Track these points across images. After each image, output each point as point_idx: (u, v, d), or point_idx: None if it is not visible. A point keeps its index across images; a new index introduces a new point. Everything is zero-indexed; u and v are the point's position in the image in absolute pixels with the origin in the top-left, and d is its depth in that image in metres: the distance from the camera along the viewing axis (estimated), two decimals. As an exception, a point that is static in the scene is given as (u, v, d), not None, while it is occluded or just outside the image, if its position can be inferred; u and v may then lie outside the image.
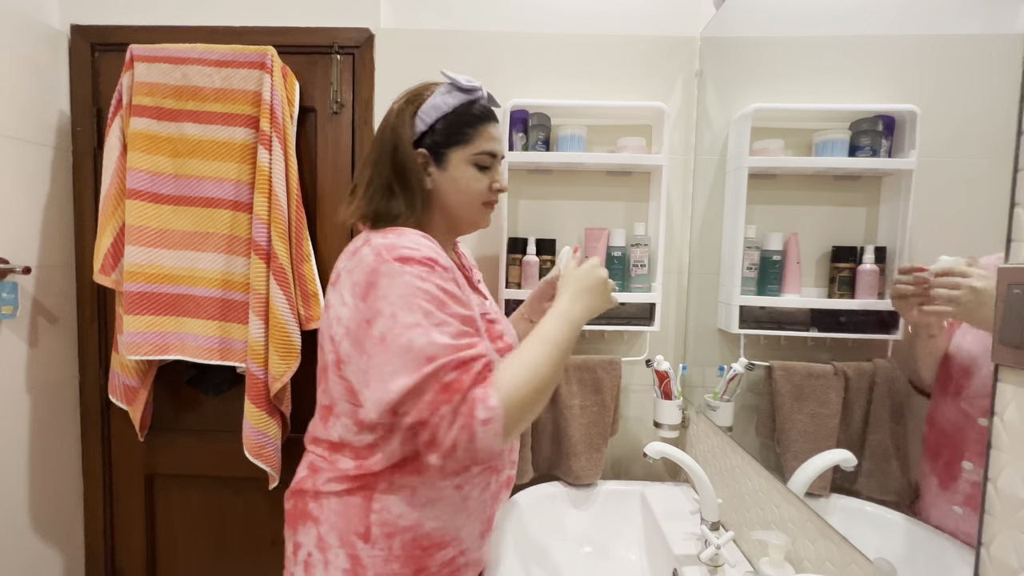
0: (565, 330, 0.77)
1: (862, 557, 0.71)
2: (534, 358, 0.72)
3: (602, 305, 0.84)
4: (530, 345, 0.74)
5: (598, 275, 0.85)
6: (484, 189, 0.86)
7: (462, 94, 0.83)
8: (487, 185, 0.86)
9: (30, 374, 1.37)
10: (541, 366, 0.71)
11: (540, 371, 0.71)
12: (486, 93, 0.86)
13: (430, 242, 0.76)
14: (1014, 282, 0.50)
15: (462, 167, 0.83)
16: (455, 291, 0.73)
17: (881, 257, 0.79)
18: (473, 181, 0.84)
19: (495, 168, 0.87)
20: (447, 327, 0.68)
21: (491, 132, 0.85)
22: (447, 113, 0.82)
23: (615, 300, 0.87)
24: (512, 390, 0.68)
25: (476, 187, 0.85)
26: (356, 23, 1.41)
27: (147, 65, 1.30)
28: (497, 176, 0.87)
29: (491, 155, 0.85)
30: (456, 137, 0.82)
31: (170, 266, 1.32)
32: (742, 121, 1.13)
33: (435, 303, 0.69)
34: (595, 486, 1.34)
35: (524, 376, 0.69)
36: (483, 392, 0.66)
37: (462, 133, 0.82)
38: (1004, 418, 0.51)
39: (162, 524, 1.54)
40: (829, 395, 0.85)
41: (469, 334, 0.71)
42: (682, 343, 1.45)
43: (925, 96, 0.69)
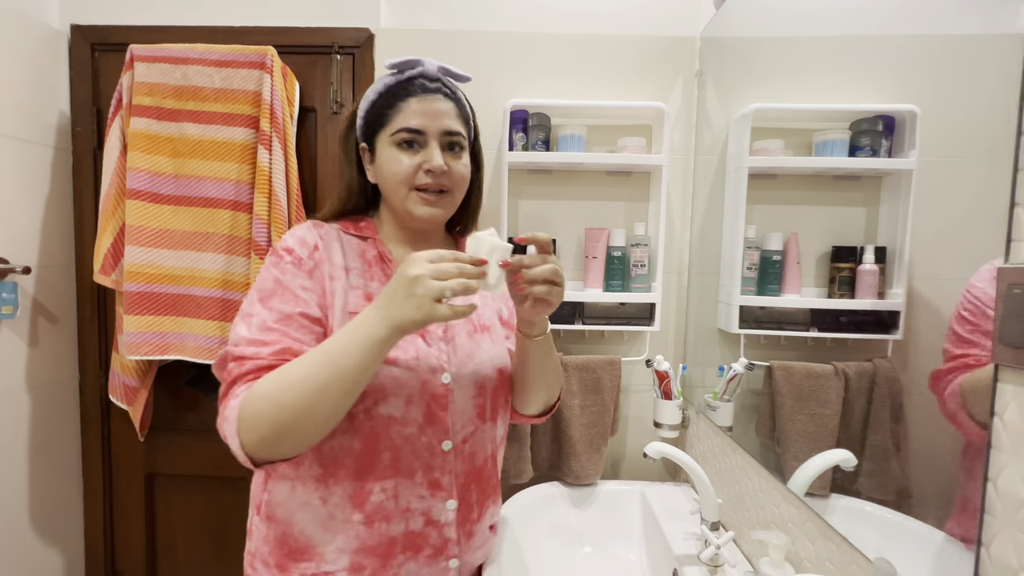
0: (347, 343, 0.63)
1: (862, 557, 0.71)
2: (298, 370, 0.63)
3: (403, 316, 0.61)
4: (308, 355, 0.65)
5: (403, 273, 0.61)
6: (407, 171, 0.74)
7: (390, 77, 0.77)
8: (412, 167, 0.74)
9: (30, 374, 1.37)
10: (302, 380, 0.62)
11: (297, 385, 0.62)
12: (424, 67, 0.75)
13: (305, 232, 0.76)
14: (1014, 282, 0.50)
15: (385, 151, 0.76)
16: (290, 283, 0.70)
17: (881, 257, 0.79)
18: (393, 164, 0.74)
19: (427, 147, 0.74)
20: (253, 319, 0.68)
21: (413, 106, 0.74)
22: (374, 100, 0.77)
23: (431, 311, 0.60)
24: (257, 399, 0.62)
25: (395, 169, 0.74)
26: (356, 23, 1.41)
27: (147, 65, 1.30)
28: (429, 155, 0.74)
29: (412, 131, 0.73)
30: (378, 121, 0.76)
31: (170, 266, 1.32)
32: (742, 121, 1.13)
33: (260, 294, 0.70)
34: (595, 486, 1.34)
35: (275, 387, 0.63)
36: (237, 391, 0.65)
37: (382, 115, 0.75)
38: (1004, 418, 0.51)
39: (162, 524, 1.54)
40: (829, 395, 0.85)
41: (275, 330, 0.67)
42: (682, 343, 1.45)
43: (925, 96, 0.69)
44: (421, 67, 0.75)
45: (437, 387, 0.76)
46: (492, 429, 0.84)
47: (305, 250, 0.73)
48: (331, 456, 0.72)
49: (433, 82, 0.76)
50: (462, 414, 0.78)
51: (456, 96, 0.78)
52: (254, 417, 0.63)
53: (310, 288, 0.71)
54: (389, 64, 0.76)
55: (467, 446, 0.79)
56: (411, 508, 0.74)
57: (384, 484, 0.73)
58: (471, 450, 0.80)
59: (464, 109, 0.79)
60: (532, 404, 0.87)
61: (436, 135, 0.74)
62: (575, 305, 1.44)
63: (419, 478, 0.75)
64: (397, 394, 0.73)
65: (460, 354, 0.79)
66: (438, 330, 0.78)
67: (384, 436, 0.73)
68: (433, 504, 0.76)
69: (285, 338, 0.67)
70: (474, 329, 0.83)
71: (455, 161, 0.76)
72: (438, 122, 0.74)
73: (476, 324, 0.83)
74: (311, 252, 0.73)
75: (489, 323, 0.85)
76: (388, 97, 0.75)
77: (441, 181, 0.75)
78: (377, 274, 0.78)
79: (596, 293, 1.37)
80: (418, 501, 0.75)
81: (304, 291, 0.71)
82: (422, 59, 0.75)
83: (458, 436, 0.78)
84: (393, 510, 0.73)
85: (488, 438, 0.83)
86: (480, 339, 0.82)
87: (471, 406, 0.79)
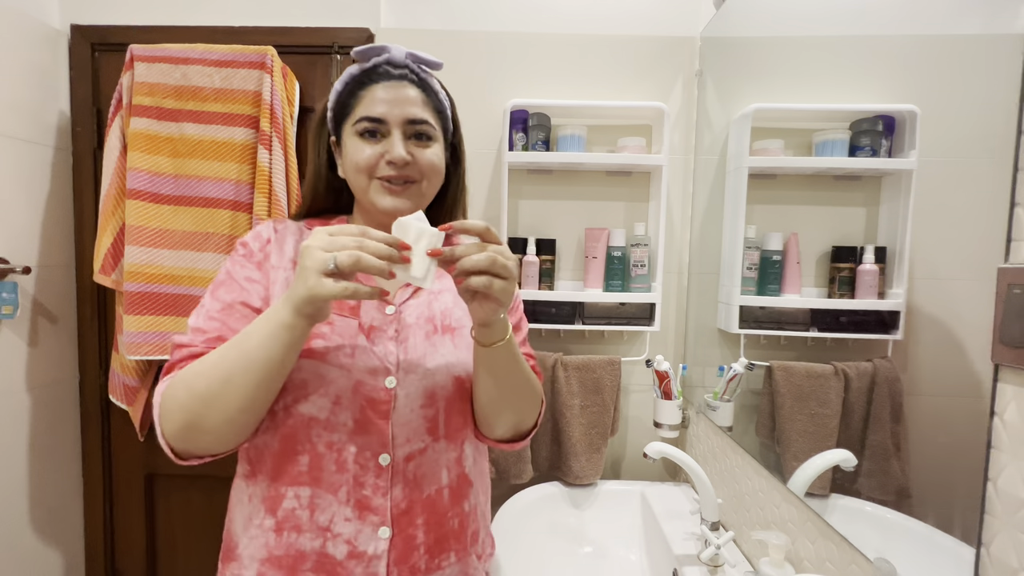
0: (254, 327, 0.60)
1: (862, 557, 0.71)
2: (211, 356, 0.61)
3: (295, 293, 0.57)
4: (229, 341, 0.62)
5: (303, 248, 0.57)
6: (367, 161, 0.69)
7: (356, 65, 0.72)
8: (373, 156, 0.69)
9: (30, 374, 1.37)
10: (211, 366, 0.60)
11: (207, 372, 0.60)
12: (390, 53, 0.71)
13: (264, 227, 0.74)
14: (1014, 282, 0.50)
15: (348, 142, 0.71)
16: (237, 274, 0.70)
17: (881, 257, 0.79)
18: (354, 153, 0.70)
19: (391, 137, 0.69)
20: (203, 310, 0.68)
21: (376, 94, 0.69)
22: (340, 90, 0.73)
23: (316, 285, 0.54)
24: (175, 385, 0.61)
25: (356, 158, 0.70)
26: (356, 23, 1.41)
27: (147, 65, 1.30)
28: (390, 144, 0.69)
29: (372, 120, 0.69)
30: (342, 112, 0.72)
31: (170, 266, 1.32)
32: (742, 121, 1.13)
33: (214, 284, 0.70)
34: (595, 486, 1.34)
35: (190, 374, 0.61)
36: (167, 377, 0.64)
37: (345, 106, 0.72)
38: (1004, 418, 0.52)
39: (162, 524, 1.54)
40: (829, 395, 0.85)
41: (215, 319, 0.67)
42: (682, 343, 1.45)
43: (925, 96, 0.69)
44: (387, 54, 0.71)
45: (377, 391, 0.67)
46: (450, 451, 0.72)
47: (258, 243, 0.72)
48: (255, 453, 0.69)
49: (399, 68, 0.71)
50: (407, 426, 0.68)
51: (425, 83, 0.73)
52: (172, 404, 0.61)
53: (256, 280, 0.70)
54: (355, 52, 0.71)
55: (411, 466, 0.68)
56: (331, 529, 0.65)
57: (298, 491, 0.66)
58: (417, 472, 0.69)
59: (435, 97, 0.73)
60: (497, 426, 0.74)
61: (399, 123, 0.69)
62: (575, 305, 1.44)
63: (344, 494, 0.65)
64: (321, 393, 0.66)
65: (411, 356, 0.70)
66: (389, 328, 0.70)
67: (304, 438, 0.66)
68: (361, 530, 0.66)
69: (223, 327, 0.66)
70: (434, 330, 0.73)
71: (421, 150, 0.71)
72: (401, 109, 0.69)
73: (437, 324, 0.73)
74: (263, 245, 0.72)
75: (456, 324, 0.75)
76: (352, 86, 0.71)
77: (405, 172, 0.70)
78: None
79: (596, 293, 1.37)
80: (343, 524, 0.65)
81: (249, 282, 0.70)
82: (388, 45, 0.71)
83: (401, 451, 0.68)
84: (306, 522, 0.65)
85: (443, 463, 0.71)
86: (439, 341, 0.72)
87: (419, 418, 0.69)
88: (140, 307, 1.31)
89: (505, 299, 0.60)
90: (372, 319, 0.70)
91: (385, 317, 0.71)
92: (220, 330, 0.66)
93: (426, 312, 0.73)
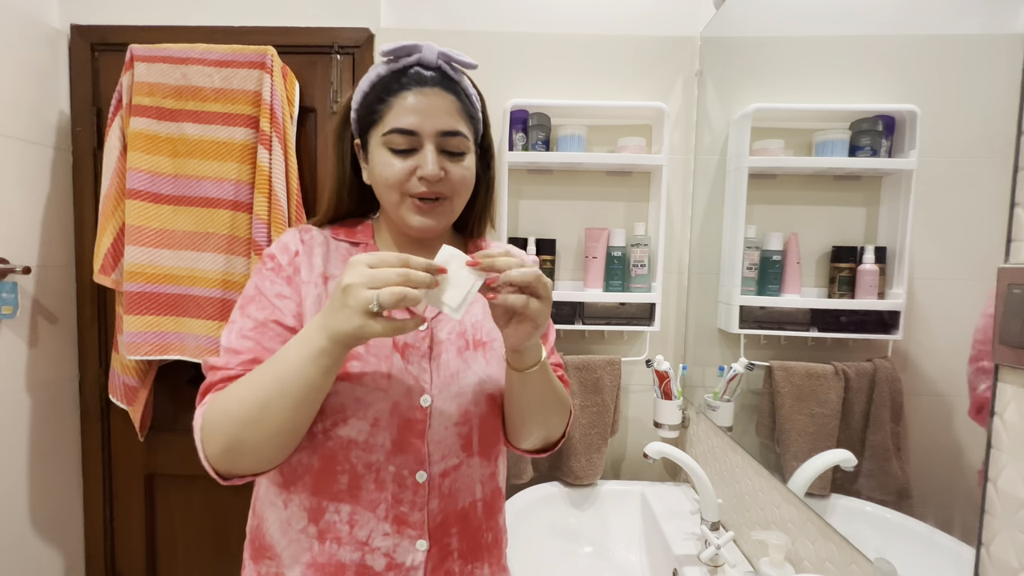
0: (290, 352, 0.58)
1: (862, 557, 0.71)
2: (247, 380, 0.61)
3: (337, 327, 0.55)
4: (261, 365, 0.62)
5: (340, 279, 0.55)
6: (398, 177, 0.66)
7: (384, 65, 0.68)
8: (404, 172, 0.65)
9: (30, 374, 1.37)
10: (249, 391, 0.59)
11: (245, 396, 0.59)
12: (422, 54, 0.66)
13: (290, 237, 0.72)
14: (1014, 282, 0.50)
15: (376, 152, 0.67)
16: (267, 290, 0.68)
17: (881, 257, 0.79)
18: (383, 168, 0.66)
19: (422, 150, 0.65)
20: (234, 327, 0.67)
21: (407, 102, 0.65)
22: (366, 91, 0.69)
23: (363, 325, 0.53)
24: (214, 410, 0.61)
25: (386, 174, 0.66)
26: (356, 23, 1.41)
27: (147, 65, 1.30)
28: (422, 160, 0.65)
29: (403, 132, 0.65)
30: (369, 117, 0.68)
31: (170, 266, 1.32)
32: (742, 121, 1.13)
33: (242, 301, 0.69)
34: (595, 486, 1.34)
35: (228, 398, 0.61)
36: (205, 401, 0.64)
37: (373, 111, 0.67)
38: (1004, 418, 0.52)
39: (162, 524, 1.54)
40: (829, 395, 0.85)
41: (249, 338, 0.66)
42: (682, 343, 1.45)
43: (925, 96, 0.69)
44: (418, 54, 0.66)
45: (413, 411, 0.67)
46: (483, 467, 0.72)
47: (285, 256, 0.70)
48: (290, 469, 0.68)
49: (431, 72, 0.66)
50: (442, 443, 0.69)
51: (458, 87, 0.68)
52: (211, 428, 0.61)
53: (287, 296, 0.68)
54: (383, 51, 0.67)
55: (447, 481, 0.69)
56: (370, 543, 0.66)
57: (338, 506, 0.66)
58: (452, 487, 0.69)
59: (467, 102, 0.69)
60: (526, 440, 0.75)
61: (431, 136, 0.65)
62: (575, 305, 1.44)
63: (383, 511, 0.66)
64: (360, 416, 0.66)
65: (444, 374, 0.69)
66: (422, 345, 0.69)
67: (343, 459, 0.66)
68: (399, 543, 0.67)
69: (257, 347, 0.65)
70: (466, 345, 0.72)
71: (454, 165, 0.68)
72: (434, 120, 0.65)
73: (469, 339, 0.72)
74: (291, 259, 0.70)
75: (487, 338, 0.74)
76: (380, 90, 0.67)
77: (436, 189, 0.67)
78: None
79: (596, 293, 1.38)
80: (381, 539, 0.66)
81: (280, 299, 0.67)
82: (420, 44, 0.66)
83: (436, 468, 0.68)
84: (345, 536, 0.66)
85: (477, 478, 0.72)
86: (472, 357, 0.72)
87: (453, 435, 0.69)
88: (140, 307, 1.31)
89: (541, 321, 0.60)
90: (405, 336, 0.69)
91: (417, 334, 0.70)
92: (254, 351, 0.65)
93: (457, 327, 0.72)
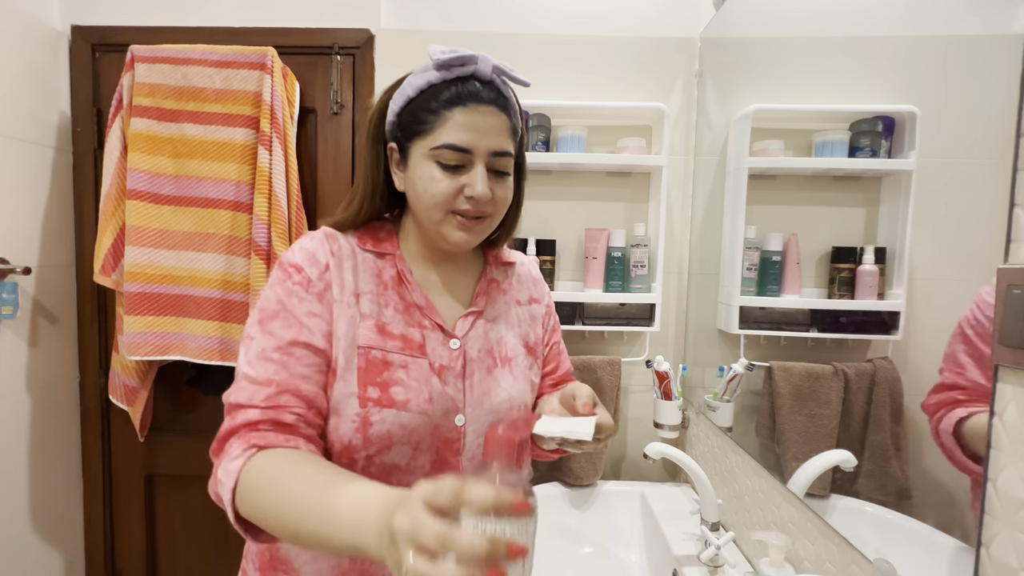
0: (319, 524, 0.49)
1: (862, 557, 0.71)
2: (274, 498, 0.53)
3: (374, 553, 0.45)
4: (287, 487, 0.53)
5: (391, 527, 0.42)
6: (446, 194, 0.64)
7: (435, 72, 0.64)
8: (452, 190, 0.64)
9: (30, 374, 1.37)
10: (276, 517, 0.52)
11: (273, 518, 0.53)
12: (478, 67, 0.64)
13: (317, 246, 0.67)
14: (1014, 282, 0.50)
15: (421, 164, 0.65)
16: (295, 307, 0.63)
17: (881, 257, 0.79)
18: (429, 182, 0.64)
19: (472, 169, 0.64)
20: (253, 344, 0.62)
21: (460, 119, 0.62)
22: (412, 97, 0.65)
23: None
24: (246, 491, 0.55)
25: (432, 190, 0.64)
26: (356, 24, 1.42)
27: (147, 66, 1.30)
28: (473, 179, 0.63)
29: (456, 149, 0.63)
30: (415, 127, 0.65)
31: (170, 266, 1.32)
32: (742, 122, 1.13)
33: (262, 314, 0.64)
34: (595, 486, 1.34)
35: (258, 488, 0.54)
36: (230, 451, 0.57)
37: (421, 121, 0.64)
38: (1004, 418, 0.51)
39: (162, 524, 1.54)
40: (829, 395, 0.85)
41: (272, 362, 0.61)
42: (682, 343, 1.45)
43: (925, 96, 0.69)
44: (474, 66, 0.63)
45: (450, 431, 0.67)
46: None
47: (315, 269, 0.65)
48: None
49: (487, 88, 0.64)
50: (475, 459, 0.69)
51: (509, 105, 0.66)
52: (248, 503, 0.55)
53: (318, 314, 0.64)
54: (437, 58, 0.63)
55: None
56: None
57: None
58: None
59: (516, 119, 0.67)
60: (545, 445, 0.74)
61: (483, 155, 0.63)
62: (575, 306, 1.44)
63: None
64: (405, 442, 0.65)
65: (476, 392, 0.69)
66: (456, 365, 0.68)
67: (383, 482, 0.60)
68: None
69: (282, 371, 0.61)
70: (494, 363, 0.72)
71: (499, 184, 0.66)
72: (488, 140, 0.63)
73: (496, 356, 0.72)
74: (322, 272, 0.65)
75: (512, 354, 0.74)
76: (430, 99, 0.64)
77: (483, 208, 0.65)
78: (393, 298, 0.68)
79: (596, 294, 1.38)
80: None
81: (310, 317, 0.63)
82: (476, 55, 0.63)
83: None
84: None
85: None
86: (500, 375, 0.71)
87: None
88: (140, 307, 1.31)
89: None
90: (440, 357, 0.68)
91: (451, 353, 0.69)
92: (280, 380, 0.60)
93: (485, 344, 0.72)
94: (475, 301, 0.74)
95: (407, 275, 0.70)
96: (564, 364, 0.84)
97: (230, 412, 0.60)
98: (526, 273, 0.83)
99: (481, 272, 0.78)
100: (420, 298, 0.70)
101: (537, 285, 0.83)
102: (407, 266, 0.71)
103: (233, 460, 0.56)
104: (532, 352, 0.78)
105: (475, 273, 0.77)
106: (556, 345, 0.84)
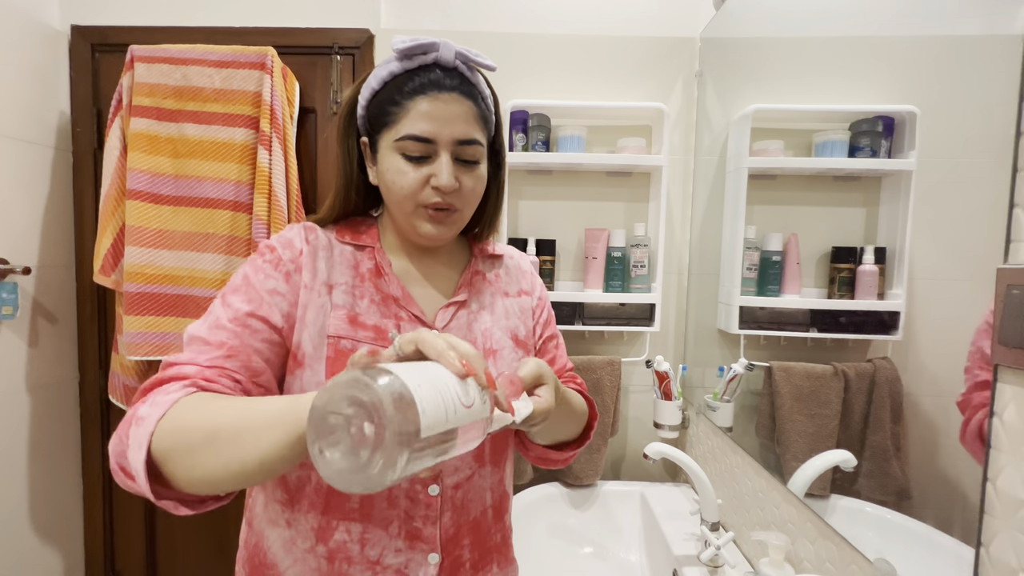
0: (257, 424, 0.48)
1: (862, 557, 0.71)
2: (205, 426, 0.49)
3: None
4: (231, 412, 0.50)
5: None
6: (412, 186, 0.63)
7: (397, 62, 0.63)
8: (417, 181, 0.63)
9: (30, 374, 1.37)
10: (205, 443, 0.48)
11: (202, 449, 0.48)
12: (439, 53, 0.62)
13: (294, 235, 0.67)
14: (1014, 282, 0.50)
15: (388, 156, 0.64)
16: (260, 284, 0.63)
17: (881, 257, 0.79)
18: (396, 175, 0.63)
19: (437, 158, 0.62)
20: (210, 316, 0.61)
21: (423, 107, 0.61)
22: (377, 90, 0.65)
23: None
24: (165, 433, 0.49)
25: (400, 182, 0.63)
26: (356, 24, 1.42)
27: (147, 66, 1.30)
28: (438, 169, 0.62)
29: (419, 139, 0.61)
30: (381, 119, 0.64)
31: (170, 266, 1.32)
32: (742, 122, 1.13)
33: (228, 289, 0.63)
34: (595, 486, 1.34)
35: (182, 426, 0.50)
36: (157, 391, 0.54)
37: (386, 113, 0.63)
38: (1004, 418, 0.51)
39: (162, 524, 1.54)
40: (829, 395, 0.85)
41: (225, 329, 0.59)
42: (682, 343, 1.45)
43: (925, 96, 0.69)
44: (435, 53, 0.62)
45: None
46: (494, 474, 0.72)
47: (288, 252, 0.65)
48: (297, 486, 0.65)
49: (449, 75, 0.63)
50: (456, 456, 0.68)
51: (476, 92, 0.65)
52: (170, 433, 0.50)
53: (282, 293, 0.63)
54: (397, 47, 0.62)
55: (459, 493, 0.67)
56: (381, 562, 0.63)
57: (349, 525, 0.63)
58: (464, 498, 0.68)
59: (484, 107, 0.66)
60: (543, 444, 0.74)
61: (447, 144, 0.62)
62: (575, 306, 1.44)
63: (395, 528, 0.64)
64: None
65: None
66: None
67: None
68: (412, 558, 0.64)
69: (234, 339, 0.59)
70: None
71: (467, 174, 0.65)
72: (451, 128, 0.62)
73: (481, 349, 0.70)
74: (294, 256, 0.65)
75: (497, 347, 0.71)
76: (393, 90, 0.63)
77: (449, 200, 0.64)
78: (368, 290, 0.67)
79: (596, 294, 1.38)
80: (393, 555, 0.64)
81: (272, 295, 0.62)
82: (437, 42, 0.62)
83: (449, 480, 0.66)
84: (356, 555, 0.63)
85: (487, 485, 0.71)
86: None
87: None
88: (140, 307, 1.31)
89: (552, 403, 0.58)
90: None
91: None
92: (230, 346, 0.58)
93: (468, 336, 0.70)
94: (458, 292, 0.72)
95: (385, 267, 0.69)
96: (561, 359, 0.81)
97: (164, 368, 0.56)
98: (515, 266, 0.80)
99: (466, 264, 0.76)
100: (397, 290, 0.68)
101: (528, 277, 0.80)
102: (386, 259, 0.70)
103: (168, 394, 0.52)
104: (521, 345, 0.75)
105: (460, 266, 0.75)
106: (551, 339, 0.80)
